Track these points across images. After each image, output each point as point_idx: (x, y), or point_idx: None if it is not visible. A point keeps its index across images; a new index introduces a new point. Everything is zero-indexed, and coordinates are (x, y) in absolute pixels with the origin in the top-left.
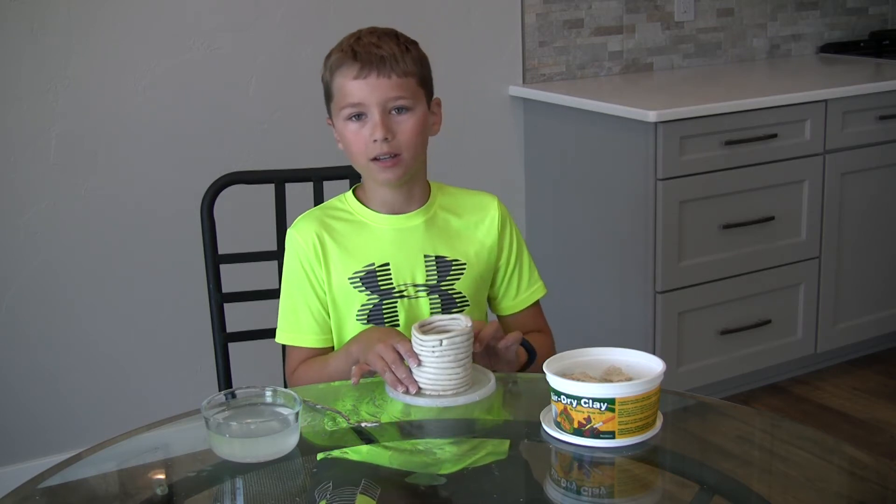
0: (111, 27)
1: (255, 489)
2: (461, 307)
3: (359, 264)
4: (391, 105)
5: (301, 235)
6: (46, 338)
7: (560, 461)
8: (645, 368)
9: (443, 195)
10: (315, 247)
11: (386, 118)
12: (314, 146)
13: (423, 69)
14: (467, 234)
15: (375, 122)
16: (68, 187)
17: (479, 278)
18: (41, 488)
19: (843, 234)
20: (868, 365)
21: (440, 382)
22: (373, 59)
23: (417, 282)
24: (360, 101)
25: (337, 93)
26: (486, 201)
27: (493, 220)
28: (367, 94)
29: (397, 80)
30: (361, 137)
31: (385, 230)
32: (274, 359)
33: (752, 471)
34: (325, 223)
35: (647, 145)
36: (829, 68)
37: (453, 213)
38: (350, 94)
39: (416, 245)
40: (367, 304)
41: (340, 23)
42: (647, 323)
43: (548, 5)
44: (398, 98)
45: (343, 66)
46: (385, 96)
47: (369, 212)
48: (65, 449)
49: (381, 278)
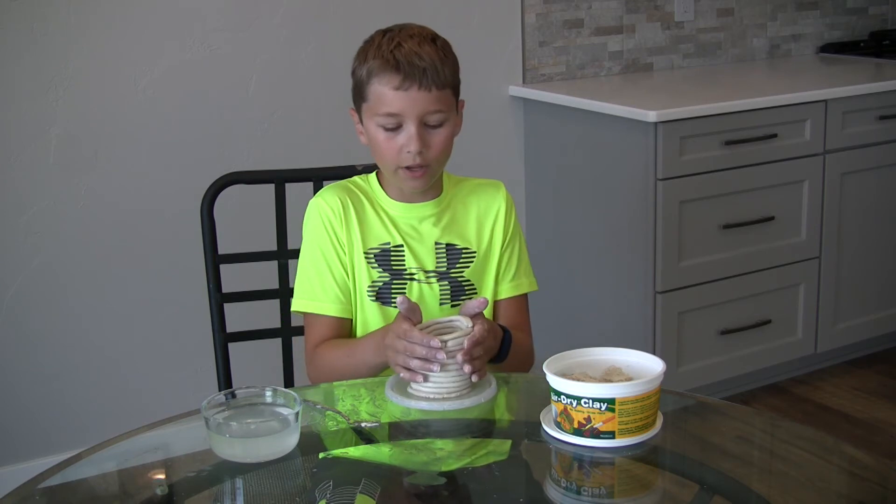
0: (111, 27)
1: (255, 489)
2: (469, 294)
3: (375, 241)
4: (428, 119)
5: (327, 201)
6: (46, 338)
7: (560, 461)
8: (645, 368)
9: (454, 185)
10: (340, 213)
11: (422, 131)
12: (314, 146)
13: (456, 75)
14: (476, 222)
15: (411, 135)
16: (68, 187)
17: (485, 265)
18: (41, 488)
19: (843, 234)
20: (868, 365)
21: (443, 386)
22: (415, 72)
23: (427, 268)
24: (399, 113)
25: (373, 98)
26: (494, 189)
27: (500, 207)
28: (407, 107)
29: (437, 93)
30: (394, 145)
31: (400, 217)
32: (274, 359)
33: (752, 471)
34: (351, 193)
35: (647, 145)
36: (829, 68)
37: (463, 203)
38: (389, 105)
39: (429, 234)
40: (378, 280)
41: (340, 23)
42: (647, 323)
43: (548, 5)
44: (436, 112)
45: (384, 75)
46: (424, 110)
47: (387, 198)
48: (65, 449)
49: (395, 258)
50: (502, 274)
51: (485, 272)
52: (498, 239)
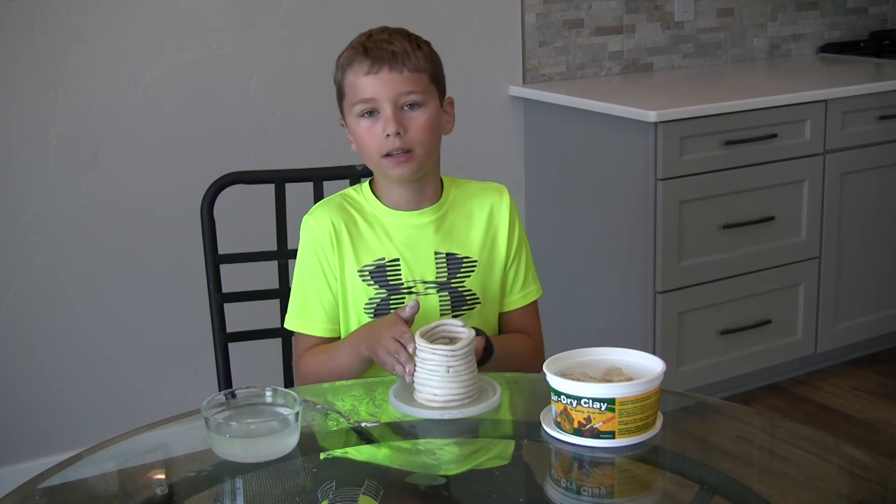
0: (111, 27)
1: (255, 489)
2: (472, 305)
3: (369, 257)
4: (403, 100)
5: (317, 223)
6: (46, 338)
7: (560, 461)
8: (645, 368)
9: (455, 190)
10: (330, 235)
11: (398, 113)
12: (314, 146)
13: (435, 67)
14: (478, 230)
15: (388, 117)
16: (68, 187)
17: (489, 274)
18: (41, 488)
19: (843, 234)
20: (868, 365)
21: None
22: (384, 55)
23: (427, 279)
24: (372, 97)
25: (349, 90)
26: (497, 194)
27: (504, 214)
28: (379, 89)
29: (409, 74)
30: (374, 134)
31: (396, 227)
32: (274, 359)
33: (752, 471)
34: (343, 212)
35: (647, 145)
36: (829, 68)
37: (465, 208)
38: (362, 90)
39: (427, 242)
40: (375, 297)
41: (340, 23)
42: (647, 323)
43: (548, 5)
44: (410, 93)
45: (354, 63)
46: (397, 91)
47: (382, 207)
48: (65, 449)
49: (391, 273)
50: (511, 285)
51: (488, 282)
52: (502, 249)
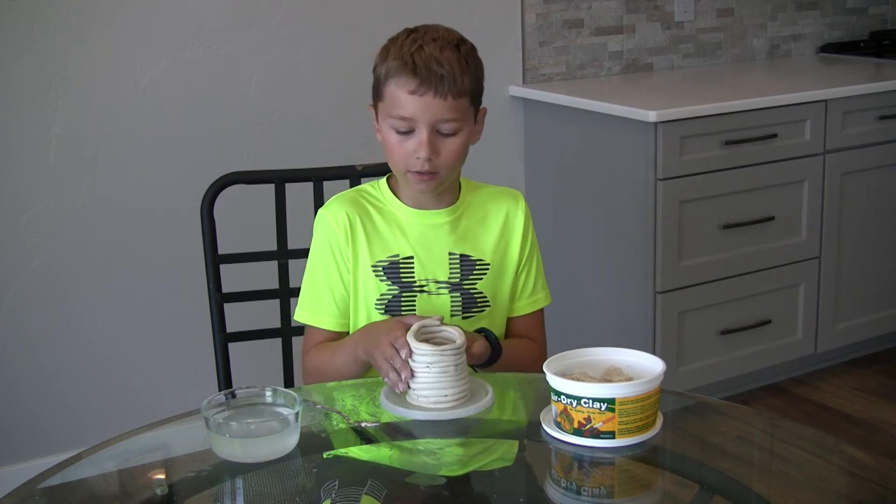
0: (111, 27)
1: (255, 489)
2: (482, 307)
3: (384, 253)
4: (440, 126)
5: (332, 215)
6: (46, 338)
7: (560, 461)
8: (645, 368)
9: (471, 193)
10: (345, 228)
11: (433, 138)
12: (314, 146)
13: (477, 84)
14: (493, 234)
15: (422, 141)
16: (68, 187)
17: (500, 278)
18: (41, 488)
19: (843, 234)
20: (868, 365)
21: (439, 395)
22: (432, 78)
23: (440, 278)
24: (411, 117)
25: (389, 99)
26: (513, 200)
27: (519, 221)
28: (420, 112)
29: (452, 101)
30: (404, 149)
31: (412, 224)
32: (274, 359)
33: (752, 471)
34: (358, 206)
35: (647, 145)
36: (829, 68)
37: (481, 212)
38: (402, 107)
39: (442, 242)
40: (387, 294)
41: (340, 23)
42: (647, 323)
43: (548, 5)
44: (449, 121)
45: (401, 77)
46: (437, 117)
47: (399, 204)
48: (65, 449)
49: (404, 270)
50: (520, 291)
51: (499, 286)
52: (514, 254)
